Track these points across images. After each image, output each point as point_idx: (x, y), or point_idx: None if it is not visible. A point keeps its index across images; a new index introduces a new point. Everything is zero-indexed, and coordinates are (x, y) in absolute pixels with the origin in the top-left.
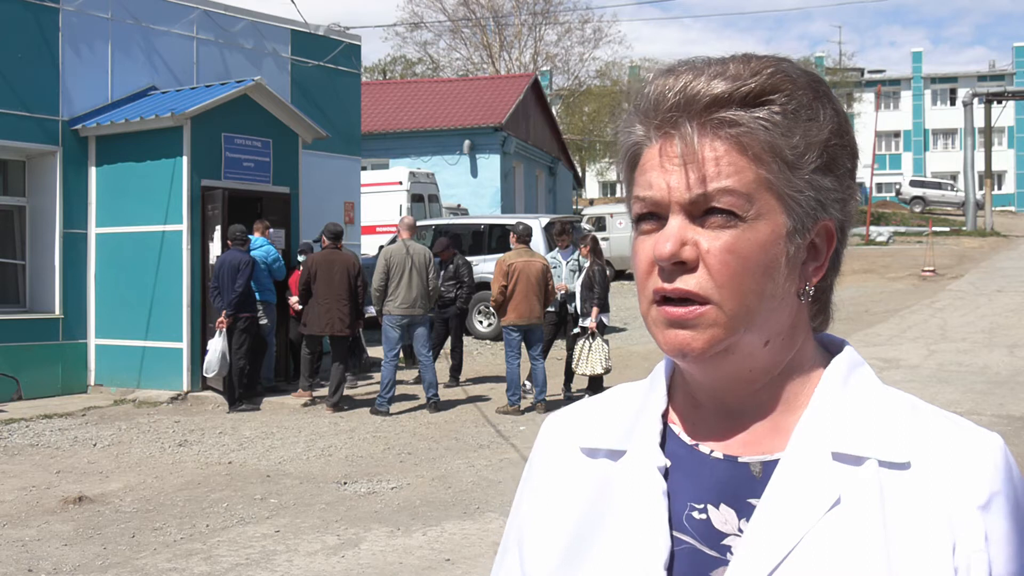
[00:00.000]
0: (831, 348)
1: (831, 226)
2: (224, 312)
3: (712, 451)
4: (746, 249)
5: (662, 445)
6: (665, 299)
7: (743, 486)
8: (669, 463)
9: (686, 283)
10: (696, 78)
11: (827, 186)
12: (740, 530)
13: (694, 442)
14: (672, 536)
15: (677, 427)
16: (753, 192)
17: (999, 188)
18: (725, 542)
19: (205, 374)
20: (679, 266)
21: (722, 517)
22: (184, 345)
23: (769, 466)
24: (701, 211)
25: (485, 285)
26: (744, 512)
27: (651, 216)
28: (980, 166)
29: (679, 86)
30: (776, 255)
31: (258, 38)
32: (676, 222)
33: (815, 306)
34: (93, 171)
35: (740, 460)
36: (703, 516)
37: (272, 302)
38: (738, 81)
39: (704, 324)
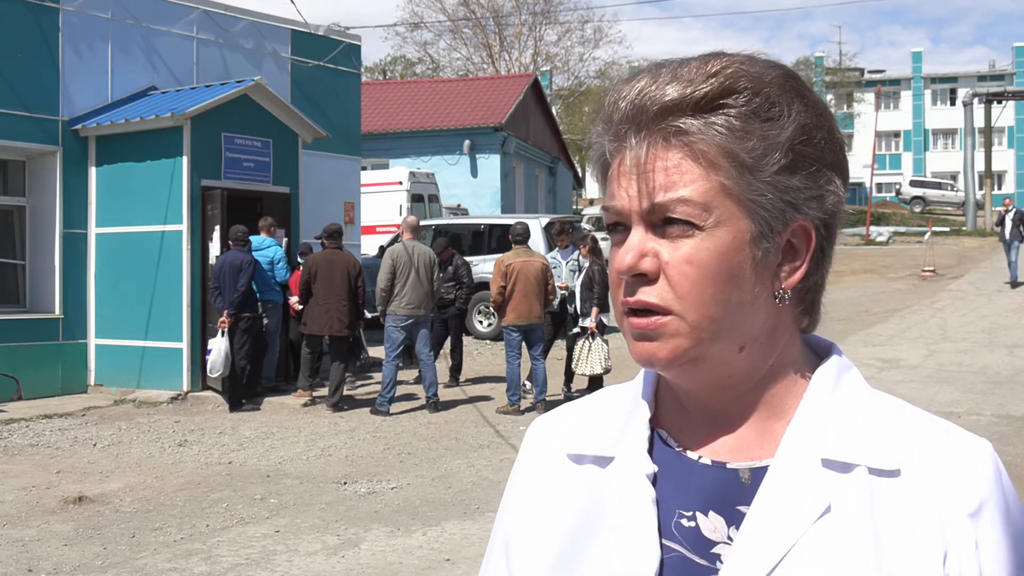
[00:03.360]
0: (818, 350)
1: (808, 225)
2: (226, 312)
3: (700, 457)
4: (706, 258)
5: (650, 451)
6: (632, 310)
7: (732, 493)
8: (657, 469)
9: (647, 295)
10: (650, 84)
11: (795, 186)
12: (729, 538)
13: (681, 448)
14: (661, 544)
15: (664, 432)
16: (710, 200)
17: (999, 188)
18: (715, 550)
19: (210, 374)
20: (640, 278)
21: (711, 525)
22: (184, 345)
23: (758, 473)
24: (660, 221)
25: (485, 285)
26: (733, 520)
27: (619, 226)
28: (980, 166)
29: (632, 94)
30: (740, 262)
31: (258, 38)
32: (637, 234)
33: (800, 307)
34: (93, 171)
35: (728, 466)
36: (692, 524)
37: (278, 302)
38: (690, 87)
39: (667, 335)
